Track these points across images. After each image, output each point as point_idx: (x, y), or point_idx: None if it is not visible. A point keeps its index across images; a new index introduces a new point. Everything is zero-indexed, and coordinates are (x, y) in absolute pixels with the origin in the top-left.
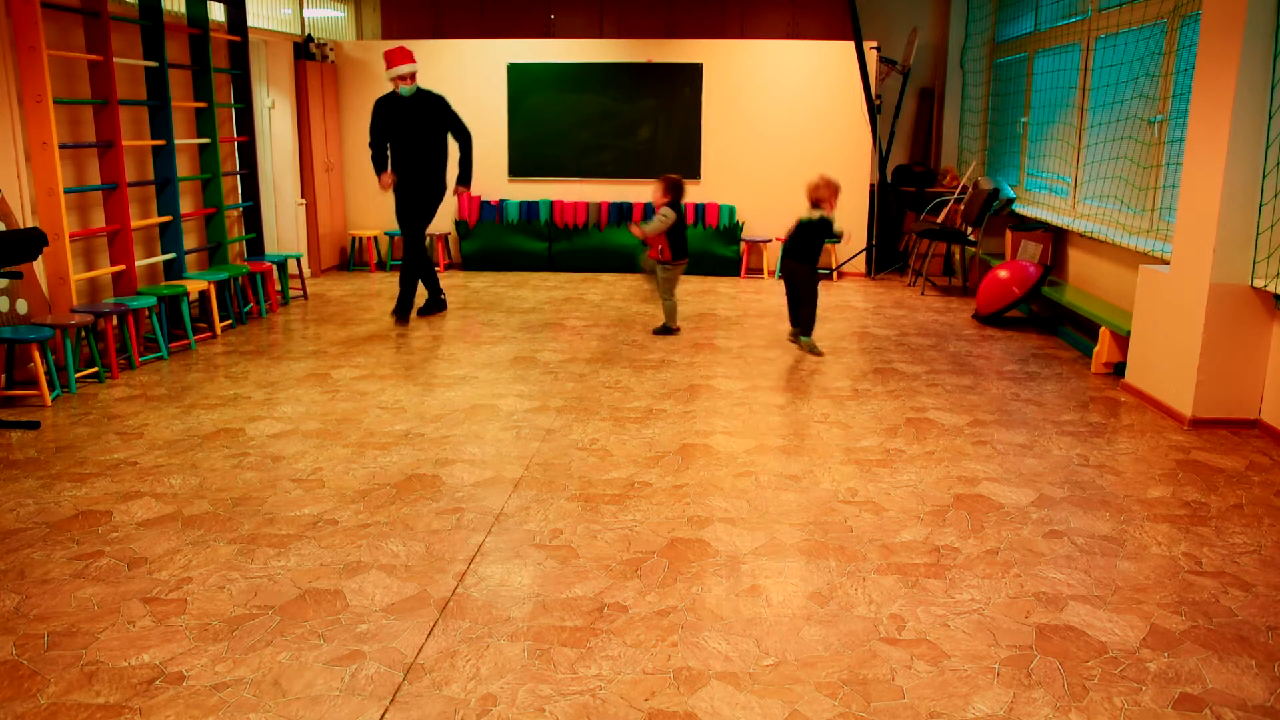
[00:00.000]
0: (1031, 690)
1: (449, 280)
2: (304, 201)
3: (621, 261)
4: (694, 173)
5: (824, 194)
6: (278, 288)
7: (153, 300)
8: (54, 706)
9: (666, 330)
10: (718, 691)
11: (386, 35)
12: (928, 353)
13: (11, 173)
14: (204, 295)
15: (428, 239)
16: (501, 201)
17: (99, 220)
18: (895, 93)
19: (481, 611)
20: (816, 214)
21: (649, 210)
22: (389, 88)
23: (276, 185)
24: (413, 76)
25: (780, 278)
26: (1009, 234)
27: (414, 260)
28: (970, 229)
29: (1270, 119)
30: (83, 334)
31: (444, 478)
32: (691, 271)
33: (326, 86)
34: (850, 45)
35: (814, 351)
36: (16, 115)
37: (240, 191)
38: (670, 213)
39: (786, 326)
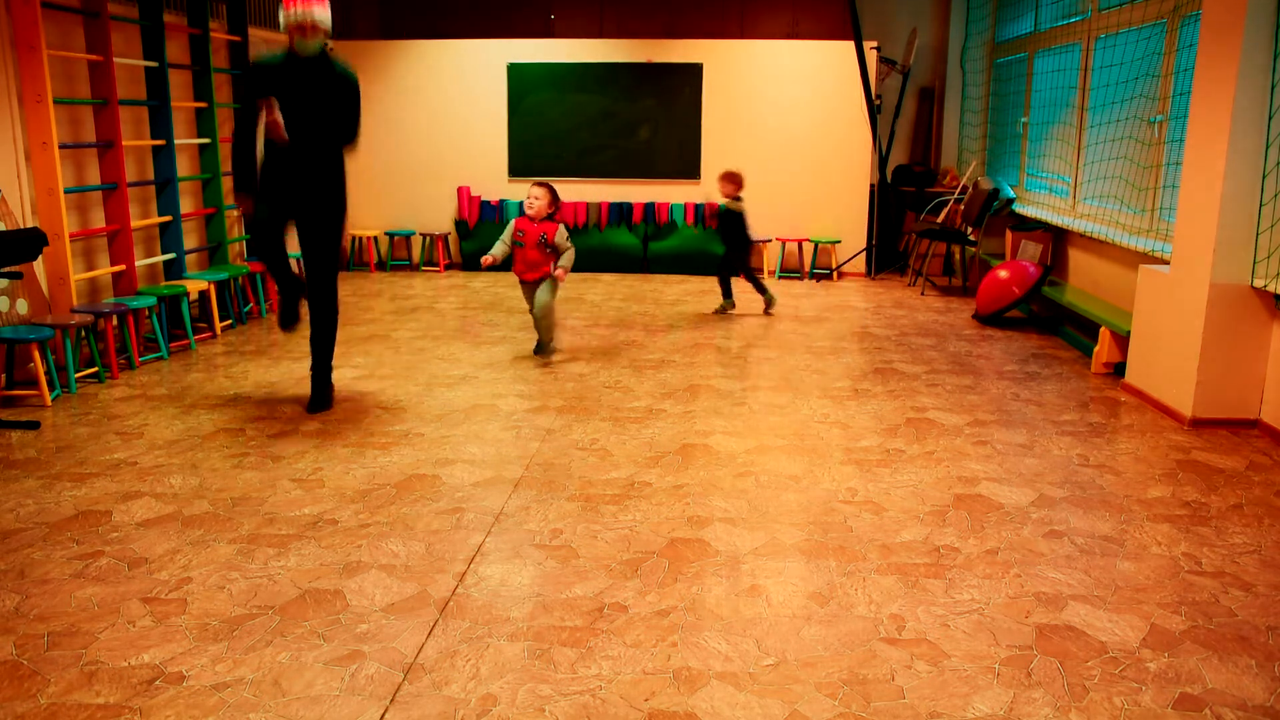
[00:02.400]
0: (1031, 690)
1: (450, 280)
2: None
3: (622, 261)
4: (694, 173)
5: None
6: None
7: (153, 300)
8: (54, 706)
9: (547, 349)
10: (718, 691)
11: (386, 35)
12: (928, 353)
13: (11, 173)
14: (204, 295)
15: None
16: (501, 201)
17: (99, 220)
18: (895, 93)
19: (481, 611)
20: (738, 206)
21: (649, 211)
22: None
23: None
24: (319, 29)
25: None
26: (1009, 234)
27: (326, 314)
28: (970, 229)
29: (1270, 119)
30: (83, 334)
31: (444, 478)
32: (691, 271)
33: None
34: (850, 45)
35: (727, 305)
36: (16, 115)
37: None
38: (567, 236)
39: (786, 326)
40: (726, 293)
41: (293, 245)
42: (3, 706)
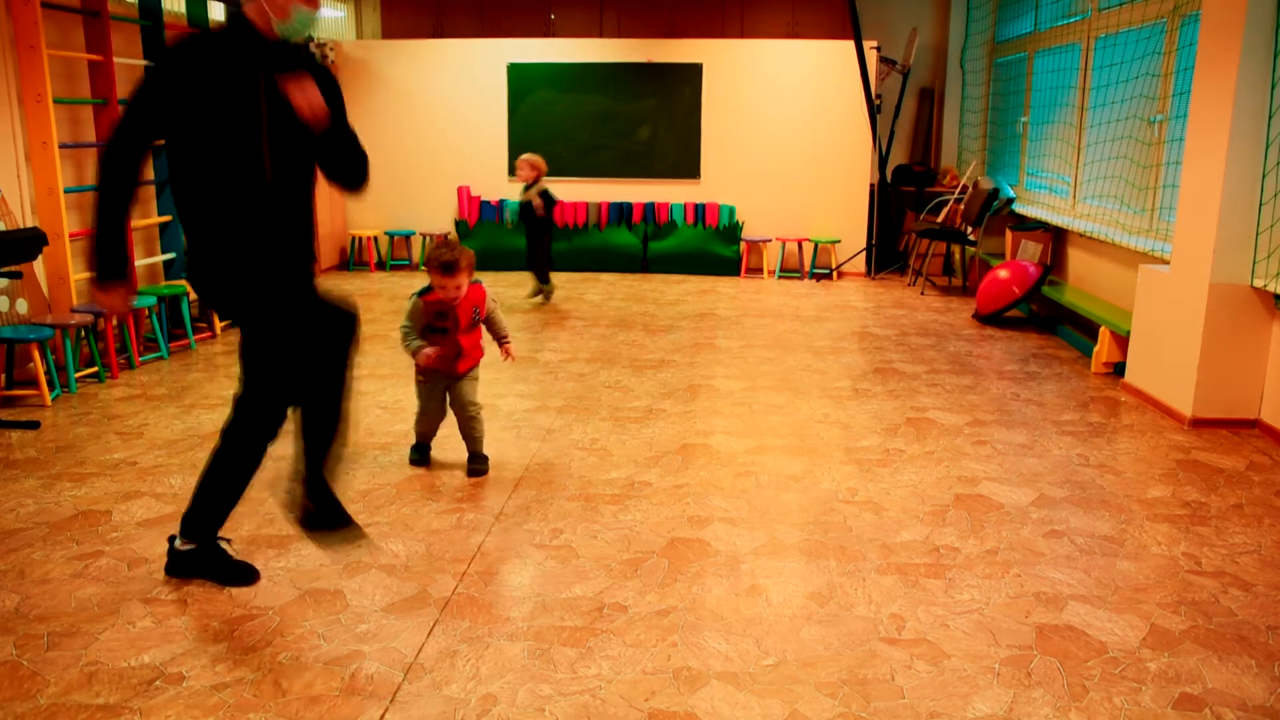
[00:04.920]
0: (1031, 690)
1: None
2: None
3: (622, 261)
4: (694, 173)
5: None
6: None
7: (153, 300)
8: (54, 706)
9: (484, 459)
10: (718, 691)
11: (387, 35)
12: (928, 353)
13: (11, 173)
14: None
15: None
16: (501, 201)
17: None
18: (895, 93)
19: (481, 611)
20: (535, 190)
21: (649, 211)
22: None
23: None
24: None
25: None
26: (1009, 234)
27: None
28: (970, 229)
29: (1270, 119)
30: (83, 334)
31: (444, 478)
32: (692, 271)
33: None
34: (850, 45)
35: (548, 297)
36: (16, 115)
37: None
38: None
39: (787, 326)
40: (543, 279)
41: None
42: (3, 706)
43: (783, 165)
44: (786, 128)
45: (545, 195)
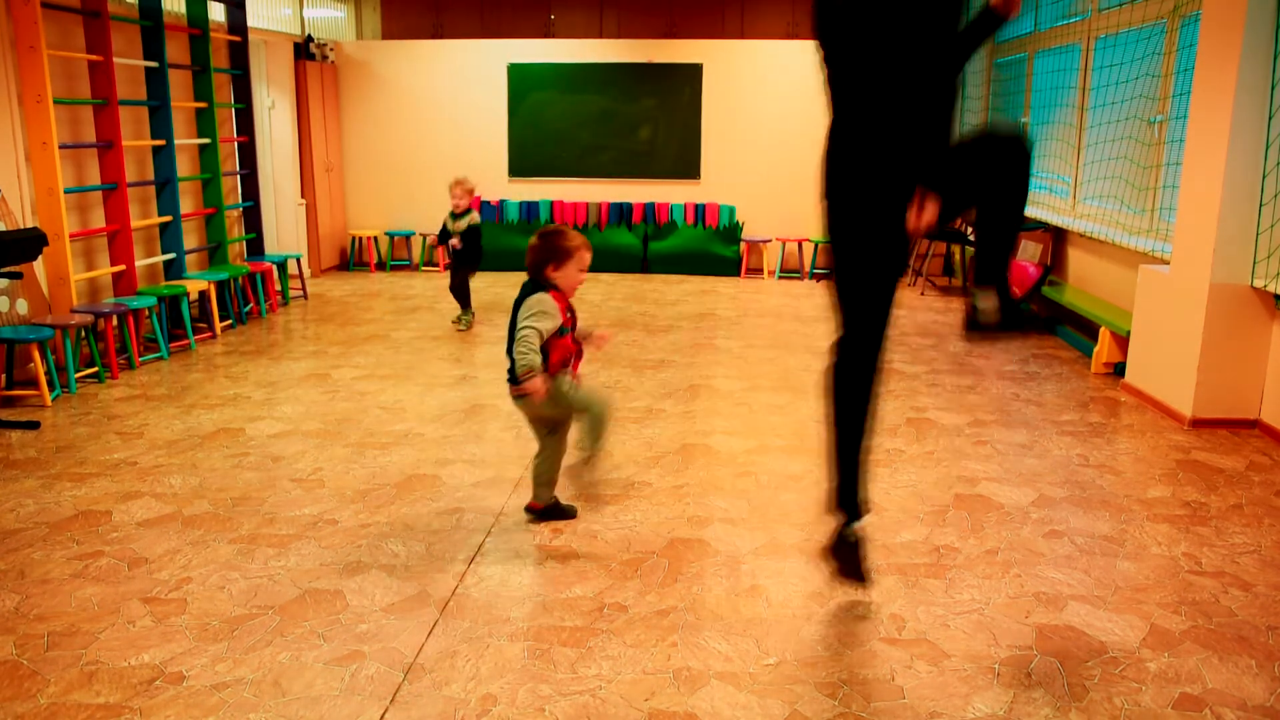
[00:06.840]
0: (1031, 690)
1: (446, 280)
2: (304, 201)
3: (622, 261)
4: (694, 173)
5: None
6: (278, 288)
7: (153, 300)
8: (54, 706)
9: (558, 513)
10: (718, 691)
11: (387, 35)
12: (928, 353)
13: (11, 173)
14: (204, 295)
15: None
16: (501, 201)
17: (99, 220)
18: None
19: (481, 611)
20: (465, 222)
21: (649, 211)
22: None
23: (276, 185)
24: None
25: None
26: None
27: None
28: (970, 229)
29: (1270, 119)
30: (83, 334)
31: (444, 478)
32: (691, 271)
33: (326, 86)
34: None
35: (468, 325)
36: (16, 115)
37: (240, 191)
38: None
39: (787, 326)
40: (466, 304)
41: None
42: (3, 706)
43: (783, 165)
44: (787, 128)
45: (472, 231)
